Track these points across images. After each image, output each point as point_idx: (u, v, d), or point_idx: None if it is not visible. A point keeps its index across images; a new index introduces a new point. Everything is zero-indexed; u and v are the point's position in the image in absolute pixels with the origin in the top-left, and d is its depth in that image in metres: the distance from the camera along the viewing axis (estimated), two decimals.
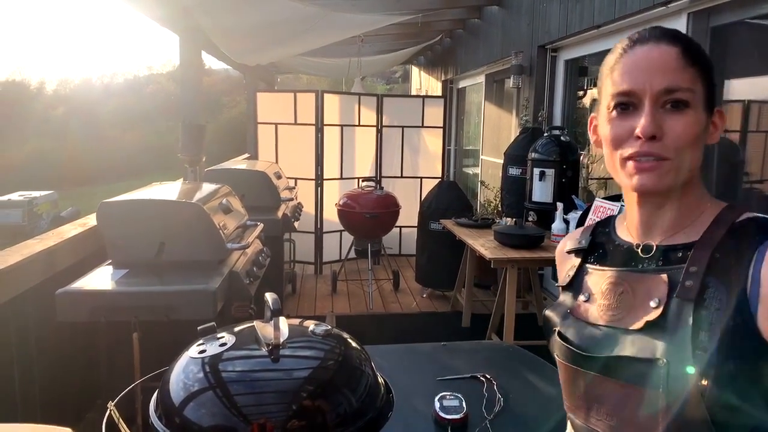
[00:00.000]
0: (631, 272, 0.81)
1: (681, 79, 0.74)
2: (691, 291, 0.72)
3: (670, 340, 0.72)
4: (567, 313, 0.88)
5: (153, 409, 1.06)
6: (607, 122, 0.80)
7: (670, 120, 0.74)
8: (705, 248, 0.75)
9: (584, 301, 0.86)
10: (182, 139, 3.55)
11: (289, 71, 9.51)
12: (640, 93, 0.75)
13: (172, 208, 2.24)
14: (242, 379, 1.05)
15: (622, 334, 0.78)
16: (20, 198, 14.14)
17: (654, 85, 0.74)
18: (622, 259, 0.85)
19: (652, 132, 0.74)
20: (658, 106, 0.75)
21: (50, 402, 2.12)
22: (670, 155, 0.75)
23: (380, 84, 22.49)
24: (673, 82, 0.74)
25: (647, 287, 0.78)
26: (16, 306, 1.88)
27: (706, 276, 0.73)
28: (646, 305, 0.76)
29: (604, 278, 0.85)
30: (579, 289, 0.88)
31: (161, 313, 1.85)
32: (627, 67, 0.77)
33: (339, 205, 4.81)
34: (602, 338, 0.81)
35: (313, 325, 1.16)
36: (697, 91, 0.75)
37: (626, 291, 0.80)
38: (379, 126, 5.92)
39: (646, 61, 0.75)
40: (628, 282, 0.81)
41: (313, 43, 5.39)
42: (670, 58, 0.75)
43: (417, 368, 1.44)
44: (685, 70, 0.74)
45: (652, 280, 0.78)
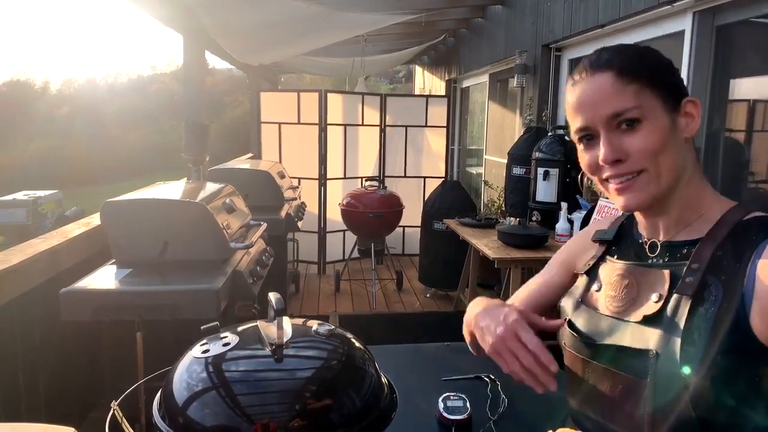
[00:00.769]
0: (638, 266, 0.85)
1: (623, 100, 0.77)
2: (690, 287, 0.75)
3: (663, 333, 0.75)
4: (579, 302, 0.91)
5: (156, 409, 1.06)
6: (580, 152, 0.84)
7: (627, 138, 0.77)
8: (708, 246, 0.77)
9: (596, 291, 0.89)
10: (186, 138, 3.56)
11: (293, 71, 9.51)
12: (592, 125, 0.79)
13: (176, 207, 2.24)
14: (245, 379, 1.05)
15: (624, 324, 0.82)
16: (25, 197, 14.21)
17: (600, 115, 0.78)
18: (633, 253, 0.88)
19: (613, 157, 0.78)
20: (612, 129, 0.78)
21: (54, 401, 2.12)
22: (643, 167, 0.78)
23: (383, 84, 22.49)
24: (616, 106, 0.77)
25: (651, 282, 0.81)
26: (21, 305, 1.88)
27: (706, 273, 0.75)
28: (648, 299, 0.79)
29: (614, 270, 0.88)
30: (594, 278, 0.91)
31: (165, 313, 1.85)
32: (575, 104, 0.81)
33: (342, 205, 4.81)
34: (605, 328, 0.85)
35: (317, 325, 1.16)
36: (645, 103, 0.77)
37: (631, 284, 0.84)
38: (383, 125, 5.91)
39: (586, 95, 0.79)
40: (634, 275, 0.84)
41: (317, 42, 5.39)
42: (606, 85, 0.78)
43: (421, 368, 1.43)
44: (625, 90, 0.77)
45: (655, 274, 0.80)
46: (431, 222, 4.59)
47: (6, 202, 14.21)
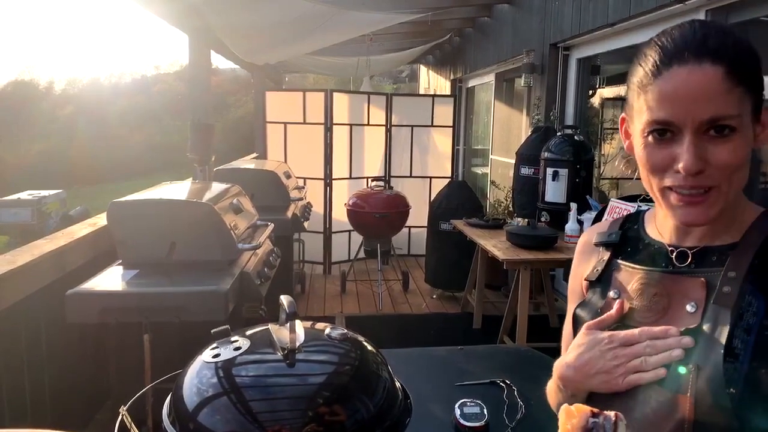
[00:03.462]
0: (664, 273, 0.78)
1: (727, 105, 0.66)
2: (729, 298, 0.70)
3: (703, 346, 0.70)
4: (598, 312, 0.84)
5: (166, 414, 1.04)
6: (642, 146, 0.73)
7: (714, 148, 0.68)
8: (745, 253, 0.72)
9: (614, 299, 0.82)
10: (191, 138, 3.54)
11: (298, 70, 9.50)
12: (680, 124, 0.68)
13: (183, 207, 2.22)
14: (257, 384, 1.02)
15: None
16: (29, 197, 14.23)
17: (696, 116, 0.67)
18: (652, 258, 0.81)
19: (697, 169, 0.67)
20: (700, 134, 0.68)
21: (60, 402, 2.11)
22: (716, 183, 0.69)
23: (387, 83, 22.46)
24: (717, 111, 0.66)
25: (683, 290, 0.75)
26: (27, 307, 1.87)
27: (744, 282, 0.70)
28: (681, 309, 0.74)
29: (634, 277, 0.81)
30: (608, 286, 0.84)
31: (172, 315, 1.83)
32: (664, 93, 0.68)
33: (348, 205, 4.79)
34: None
35: (329, 329, 1.14)
36: (744, 111, 0.68)
37: (660, 293, 0.78)
38: (389, 125, 5.89)
39: (685, 88, 0.67)
40: (662, 284, 0.78)
41: (323, 41, 5.37)
42: (714, 83, 0.66)
43: (434, 373, 1.41)
44: (732, 93, 0.66)
45: (688, 282, 0.75)
46: (438, 222, 4.56)
47: (10, 202, 14.24)
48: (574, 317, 0.89)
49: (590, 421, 0.66)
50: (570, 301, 0.96)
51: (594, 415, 0.66)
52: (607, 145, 4.78)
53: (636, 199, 2.51)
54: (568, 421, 0.66)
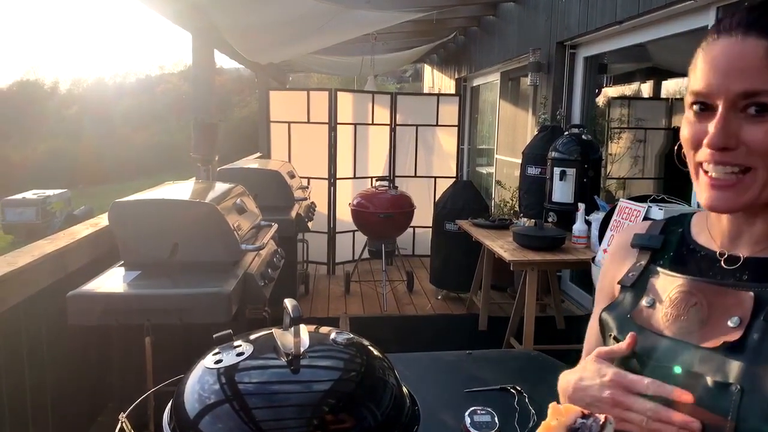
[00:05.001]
0: (709, 284, 0.72)
1: (764, 81, 0.63)
2: None
3: (748, 366, 0.64)
4: (626, 318, 0.79)
5: (167, 422, 1.01)
6: (686, 121, 0.70)
7: (749, 127, 0.64)
8: None
9: (647, 307, 0.77)
10: (194, 137, 3.52)
11: (302, 70, 9.48)
12: (715, 96, 0.65)
13: (186, 208, 2.19)
14: (260, 391, 0.99)
15: (692, 349, 0.70)
16: (34, 196, 14.29)
17: (730, 88, 0.64)
18: (698, 266, 0.75)
19: (721, 143, 0.65)
20: (737, 110, 0.65)
21: (62, 405, 2.08)
22: (752, 164, 0.65)
23: (391, 83, 22.43)
24: (753, 84, 0.63)
25: (726, 303, 0.69)
26: (28, 308, 1.84)
27: None
28: (722, 323, 0.67)
29: (673, 285, 0.75)
30: (642, 292, 0.79)
31: (174, 317, 1.80)
32: (706, 63, 0.66)
33: (352, 205, 4.76)
34: (666, 350, 0.72)
35: (335, 333, 1.11)
36: None
37: (700, 303, 0.71)
38: (393, 124, 5.85)
39: (724, 58, 0.65)
40: (703, 294, 0.72)
41: (327, 40, 5.34)
42: (754, 56, 0.63)
43: (443, 379, 1.37)
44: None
45: (734, 296, 0.68)
46: (443, 223, 4.52)
47: (16, 201, 14.30)
48: (600, 320, 0.83)
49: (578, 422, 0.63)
50: (597, 301, 0.90)
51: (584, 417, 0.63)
52: (614, 144, 4.74)
53: (646, 200, 2.47)
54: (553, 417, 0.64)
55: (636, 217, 2.43)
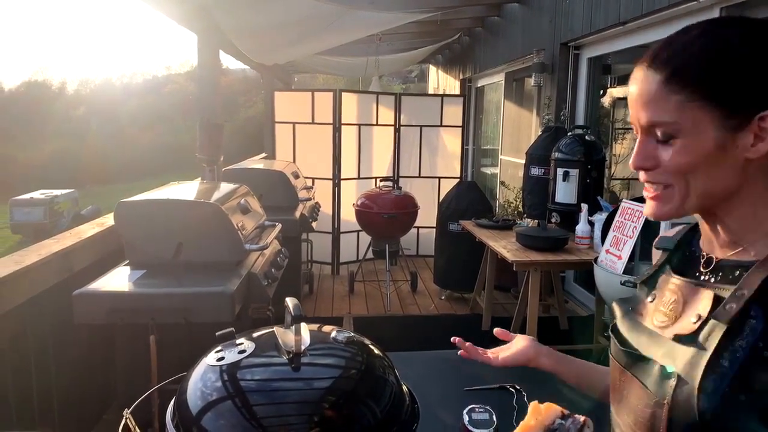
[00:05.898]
0: (690, 283, 0.79)
1: (662, 111, 0.70)
2: (727, 314, 0.69)
3: (691, 358, 0.70)
4: (629, 309, 0.88)
5: (170, 419, 1.02)
6: None
7: (662, 149, 0.72)
8: (760, 272, 0.70)
9: (649, 302, 0.85)
10: (200, 138, 3.54)
11: (307, 70, 9.51)
12: (634, 125, 0.75)
13: (191, 208, 2.21)
14: (262, 388, 1.01)
15: (661, 340, 0.78)
16: (42, 196, 14.37)
17: (640, 118, 0.72)
18: (689, 267, 0.83)
19: (639, 165, 0.74)
20: (648, 135, 0.73)
21: (67, 403, 2.11)
22: (669, 181, 0.73)
23: (396, 84, 22.42)
24: (653, 116, 0.70)
25: (696, 301, 0.76)
26: (34, 307, 1.86)
27: (751, 302, 0.68)
28: (688, 318, 0.75)
29: (667, 283, 0.83)
30: (652, 288, 0.87)
31: (179, 316, 1.82)
32: (628, 97, 0.76)
33: (357, 206, 4.77)
34: (645, 340, 0.81)
35: (335, 332, 1.12)
36: (687, 118, 0.68)
37: (678, 300, 0.79)
38: (397, 125, 5.86)
39: (632, 92, 0.73)
40: (683, 292, 0.79)
41: (332, 41, 5.36)
42: (650, 89, 0.70)
43: (442, 377, 1.38)
44: (667, 100, 0.69)
45: (701, 294, 0.75)
46: (447, 223, 4.53)
47: (24, 201, 14.39)
48: (611, 307, 0.93)
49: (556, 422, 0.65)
50: None
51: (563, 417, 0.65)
52: (618, 145, 4.72)
53: None
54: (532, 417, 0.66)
55: (638, 218, 2.43)
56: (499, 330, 1.20)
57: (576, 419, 0.66)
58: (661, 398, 0.72)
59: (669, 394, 0.71)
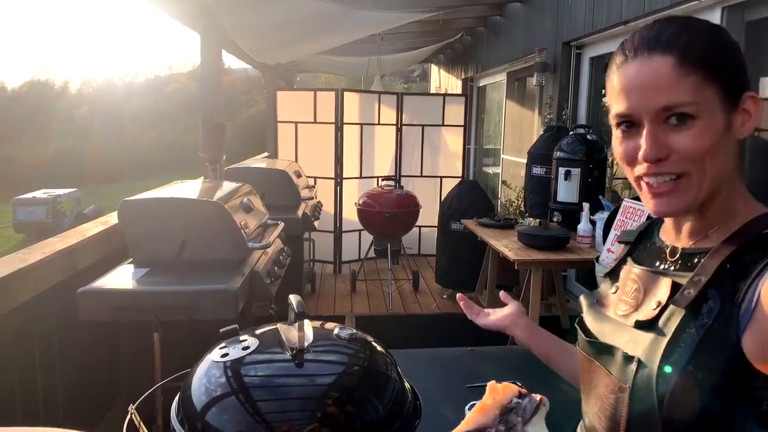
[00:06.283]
0: (649, 272, 0.81)
1: (680, 93, 0.68)
2: (685, 299, 0.70)
3: (651, 342, 0.72)
4: (594, 302, 0.90)
5: (174, 414, 1.03)
6: (615, 139, 0.77)
7: (675, 135, 0.69)
8: (717, 258, 0.71)
9: (612, 293, 0.87)
10: (202, 137, 3.55)
11: (309, 70, 9.52)
12: (637, 114, 0.71)
13: (194, 206, 2.22)
14: (265, 384, 1.02)
15: (624, 328, 0.79)
16: (44, 195, 14.40)
17: (650, 105, 0.69)
18: (651, 258, 0.84)
19: (655, 156, 0.70)
20: (660, 122, 0.69)
21: (72, 400, 2.12)
22: (685, 169, 0.70)
23: (398, 83, 22.42)
24: (670, 99, 0.68)
25: (656, 289, 0.77)
26: (39, 304, 1.88)
27: (708, 287, 0.69)
28: (649, 306, 0.76)
29: (629, 274, 0.85)
30: (615, 280, 0.89)
31: (182, 313, 1.83)
32: (622, 85, 0.72)
33: (358, 205, 4.78)
34: (608, 330, 0.83)
35: (338, 329, 1.13)
36: (704, 98, 0.68)
37: (639, 289, 0.80)
38: (399, 124, 5.87)
39: (637, 79, 0.70)
40: (643, 281, 0.81)
41: (334, 41, 5.37)
42: (664, 72, 0.68)
43: (445, 374, 1.39)
44: (685, 81, 0.68)
45: (660, 282, 0.77)
46: (448, 222, 4.53)
47: (27, 200, 14.42)
48: (579, 300, 0.95)
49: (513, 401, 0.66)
50: None
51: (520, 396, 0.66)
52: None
53: None
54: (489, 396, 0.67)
55: (640, 217, 2.44)
56: (503, 294, 1.27)
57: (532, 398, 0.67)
58: (623, 383, 0.73)
59: (630, 379, 0.72)
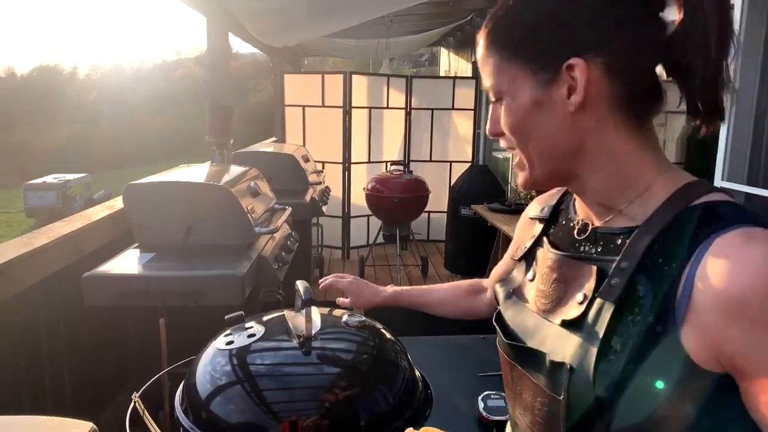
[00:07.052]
0: (568, 258, 0.71)
1: (486, 74, 0.70)
2: (613, 291, 0.62)
3: (581, 344, 0.63)
4: (511, 292, 0.80)
5: (179, 403, 1.01)
6: None
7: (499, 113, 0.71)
8: (643, 239, 0.62)
9: (530, 280, 0.77)
10: (209, 121, 3.52)
11: (316, 53, 9.43)
12: None
13: (200, 190, 2.19)
14: (272, 373, 0.99)
15: (548, 326, 0.70)
16: (54, 181, 14.47)
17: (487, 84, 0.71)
18: (567, 238, 0.74)
19: (490, 130, 0.72)
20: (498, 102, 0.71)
21: (80, 384, 2.11)
22: (511, 144, 0.71)
23: (407, 67, 22.23)
24: (485, 80, 0.71)
25: (579, 279, 0.68)
26: (44, 289, 1.86)
27: (636, 273, 0.61)
28: (573, 299, 0.67)
29: (546, 259, 0.75)
30: (530, 265, 0.79)
31: (189, 299, 1.81)
32: None
33: (367, 190, 4.74)
34: (531, 327, 0.73)
35: (347, 316, 1.10)
36: (505, 77, 0.67)
37: (559, 278, 0.71)
38: (408, 108, 5.80)
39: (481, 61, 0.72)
40: (563, 269, 0.71)
41: (342, 23, 5.28)
42: (479, 54, 0.71)
43: (456, 363, 1.36)
44: (488, 64, 0.69)
45: (583, 270, 0.68)
46: (458, 207, 4.49)
47: (37, 185, 14.50)
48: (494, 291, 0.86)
49: None
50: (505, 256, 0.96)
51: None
52: None
53: None
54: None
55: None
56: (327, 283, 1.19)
57: None
58: (555, 394, 0.65)
59: (563, 389, 0.63)
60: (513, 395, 0.77)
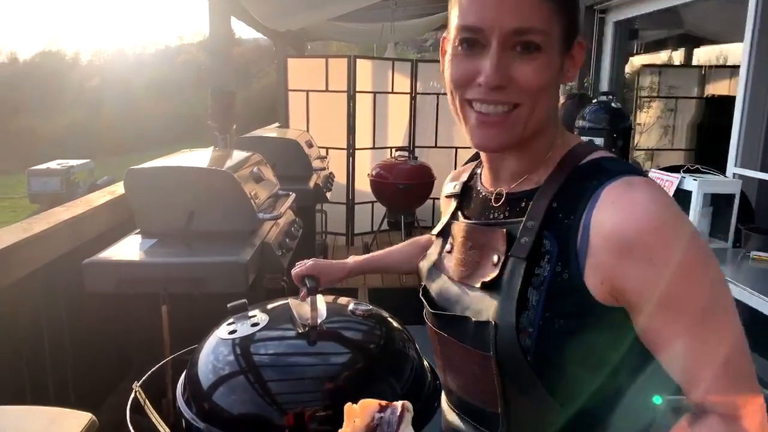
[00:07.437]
0: (479, 225, 0.77)
1: (535, 18, 0.64)
2: (524, 249, 0.68)
3: (501, 302, 0.69)
4: (432, 266, 0.86)
5: (180, 393, 0.98)
6: (450, 57, 0.70)
7: (519, 64, 0.66)
8: (543, 198, 0.69)
9: (448, 252, 0.82)
10: (212, 106, 3.48)
11: (320, 38, 9.32)
12: (488, 32, 0.65)
13: (202, 175, 2.15)
14: (276, 363, 0.96)
15: (469, 292, 0.75)
16: (58, 166, 14.47)
17: (504, 24, 0.64)
18: (478, 209, 0.80)
19: (497, 82, 0.66)
20: (507, 48, 0.65)
21: (81, 372, 2.10)
22: (521, 101, 0.67)
23: (411, 53, 22.01)
24: (524, 22, 0.64)
25: (491, 243, 0.73)
26: (45, 275, 1.84)
27: (542, 230, 0.67)
28: (489, 263, 0.73)
29: (460, 230, 0.80)
30: (447, 239, 0.84)
31: (191, 286, 1.78)
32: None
33: (371, 176, 4.70)
34: (454, 296, 0.78)
35: (353, 304, 1.07)
36: (552, 31, 0.66)
37: (474, 246, 0.76)
38: (414, 93, 5.72)
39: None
40: (475, 236, 0.77)
41: (345, 6, 5.20)
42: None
43: None
44: (541, 7, 0.64)
45: (494, 234, 0.73)
46: None
47: (41, 171, 14.49)
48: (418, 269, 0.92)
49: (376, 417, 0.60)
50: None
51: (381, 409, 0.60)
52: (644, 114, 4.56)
53: (679, 170, 2.36)
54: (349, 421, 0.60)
55: (668, 189, 2.33)
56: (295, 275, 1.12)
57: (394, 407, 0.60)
58: (485, 351, 0.69)
59: (492, 345, 0.68)
60: (443, 363, 0.82)
